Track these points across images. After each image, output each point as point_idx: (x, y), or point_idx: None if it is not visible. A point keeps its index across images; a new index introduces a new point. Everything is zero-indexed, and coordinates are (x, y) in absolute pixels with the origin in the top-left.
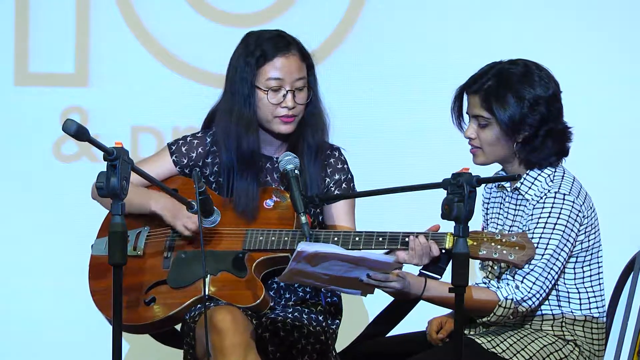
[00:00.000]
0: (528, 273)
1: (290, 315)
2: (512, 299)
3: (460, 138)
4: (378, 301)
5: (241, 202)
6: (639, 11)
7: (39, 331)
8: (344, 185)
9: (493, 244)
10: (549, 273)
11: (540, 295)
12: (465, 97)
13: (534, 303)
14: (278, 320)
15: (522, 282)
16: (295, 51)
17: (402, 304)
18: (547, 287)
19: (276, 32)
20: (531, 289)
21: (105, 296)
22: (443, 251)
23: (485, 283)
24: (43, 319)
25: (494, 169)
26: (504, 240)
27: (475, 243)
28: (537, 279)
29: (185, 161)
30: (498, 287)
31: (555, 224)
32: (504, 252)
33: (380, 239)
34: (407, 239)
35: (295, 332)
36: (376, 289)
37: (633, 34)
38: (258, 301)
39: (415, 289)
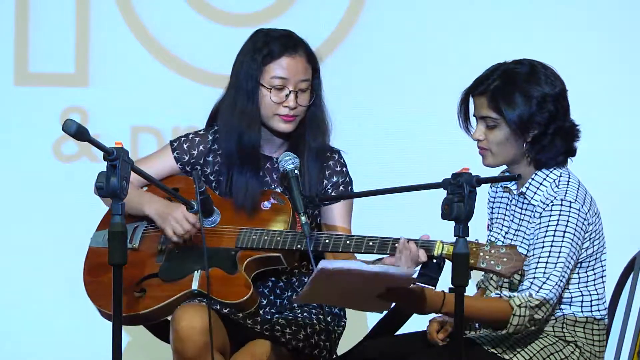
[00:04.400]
0: (544, 282)
1: (292, 319)
2: (525, 307)
3: (461, 138)
4: None
5: (239, 197)
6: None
7: (39, 329)
8: (342, 188)
9: (481, 254)
10: (561, 280)
11: (553, 301)
12: (471, 99)
13: (547, 310)
14: (279, 322)
15: (537, 292)
16: (302, 52)
17: (400, 312)
18: (559, 292)
19: (286, 31)
20: (546, 295)
21: (98, 286)
22: (434, 260)
23: (498, 294)
24: (43, 317)
25: (498, 169)
26: (492, 251)
27: None
28: (553, 287)
29: (187, 158)
30: (510, 297)
31: (564, 231)
32: (492, 262)
33: (371, 243)
34: (396, 245)
35: (299, 333)
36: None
37: (634, 34)
38: (246, 297)
39: (433, 304)
